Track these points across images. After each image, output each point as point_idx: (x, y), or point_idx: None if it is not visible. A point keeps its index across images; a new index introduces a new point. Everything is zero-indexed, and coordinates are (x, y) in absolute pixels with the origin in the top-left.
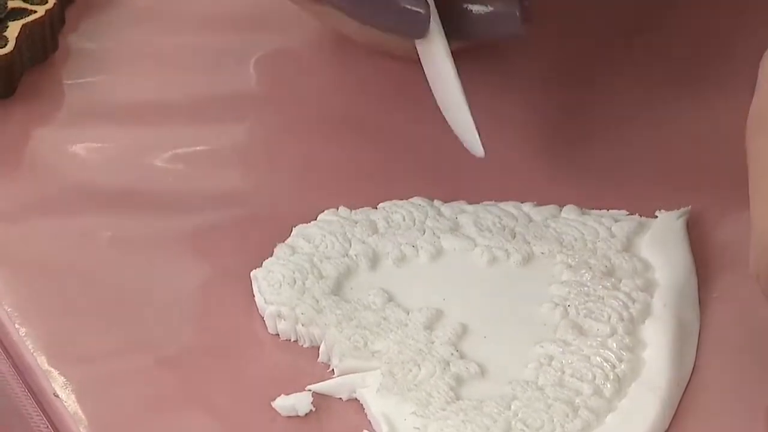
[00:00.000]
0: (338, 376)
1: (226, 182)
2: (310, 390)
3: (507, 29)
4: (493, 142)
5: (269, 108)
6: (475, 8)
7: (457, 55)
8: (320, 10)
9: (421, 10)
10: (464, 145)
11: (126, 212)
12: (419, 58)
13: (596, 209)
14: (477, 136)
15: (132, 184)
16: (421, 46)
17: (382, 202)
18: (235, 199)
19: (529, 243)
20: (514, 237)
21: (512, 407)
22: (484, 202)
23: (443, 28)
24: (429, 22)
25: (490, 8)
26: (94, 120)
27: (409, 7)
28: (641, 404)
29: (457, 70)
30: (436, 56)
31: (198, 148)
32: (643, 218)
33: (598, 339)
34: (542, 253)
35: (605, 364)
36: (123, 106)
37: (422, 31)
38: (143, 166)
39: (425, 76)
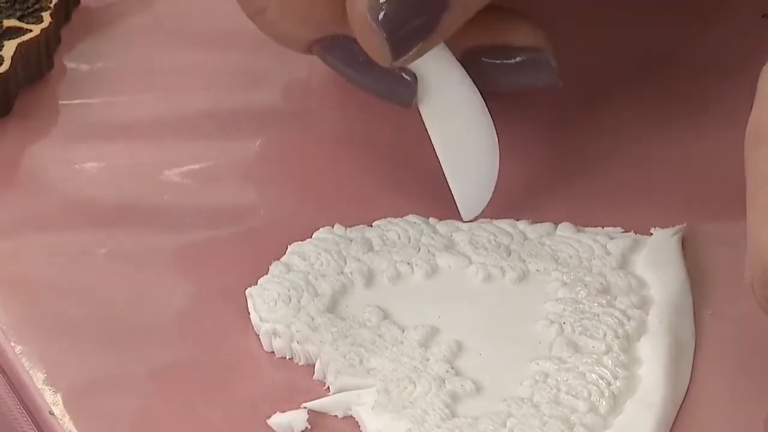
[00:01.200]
0: (334, 393)
1: (222, 200)
2: (305, 407)
3: (543, 80)
4: None
5: (267, 126)
6: (511, 61)
7: None
8: None
9: (407, 78)
10: (460, 197)
11: (121, 229)
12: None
13: (591, 227)
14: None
15: (128, 200)
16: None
17: (377, 219)
18: (231, 216)
19: (525, 260)
20: (510, 254)
21: (508, 424)
22: (480, 220)
23: (477, 81)
24: (415, 92)
25: (528, 60)
26: (91, 137)
27: (394, 73)
28: (637, 421)
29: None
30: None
31: (194, 165)
32: (638, 235)
33: (594, 356)
34: (537, 270)
35: (601, 381)
36: (119, 124)
37: (408, 100)
38: (139, 183)
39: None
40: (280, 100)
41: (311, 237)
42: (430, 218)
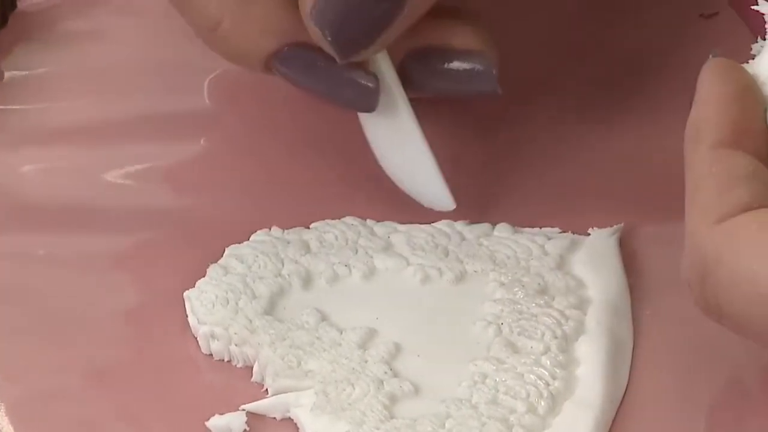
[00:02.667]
0: (272, 395)
1: (159, 202)
2: (244, 410)
3: (484, 87)
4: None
5: (204, 129)
6: (452, 65)
7: None
8: None
9: (370, 84)
10: (425, 201)
11: (59, 231)
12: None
13: (529, 227)
14: (447, 190)
15: (66, 204)
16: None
17: (314, 221)
18: (168, 219)
19: (462, 261)
20: (447, 255)
21: (446, 425)
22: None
23: (418, 84)
24: (378, 96)
25: (468, 66)
26: (30, 141)
27: (357, 80)
28: (575, 421)
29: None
30: (399, 119)
31: (131, 168)
32: (576, 236)
33: (532, 357)
34: (475, 271)
35: (539, 381)
36: (57, 128)
37: (371, 106)
38: (78, 187)
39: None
40: (216, 103)
41: (248, 239)
42: (368, 220)
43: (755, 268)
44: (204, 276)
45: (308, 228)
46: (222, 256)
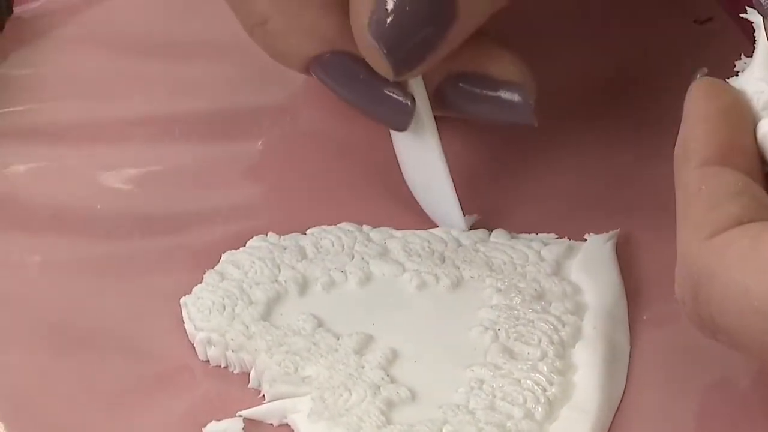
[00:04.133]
0: (269, 401)
1: (155, 207)
2: (241, 416)
3: (521, 118)
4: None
5: (199, 133)
6: (492, 94)
7: None
8: None
9: (407, 103)
10: (439, 221)
11: (55, 236)
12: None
13: (525, 233)
14: (461, 213)
15: (61, 208)
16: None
17: (310, 227)
18: (164, 225)
19: (459, 267)
20: (444, 261)
21: (443, 431)
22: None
23: (455, 106)
24: (412, 116)
25: (507, 96)
26: (24, 143)
27: (394, 97)
28: (572, 427)
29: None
30: (424, 141)
31: (129, 173)
32: (572, 242)
33: (529, 362)
34: (471, 277)
35: (536, 387)
36: (53, 130)
37: (404, 124)
38: (74, 191)
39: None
40: (210, 107)
41: (245, 245)
42: (364, 226)
43: (747, 281)
44: (200, 282)
45: (304, 234)
46: (218, 262)
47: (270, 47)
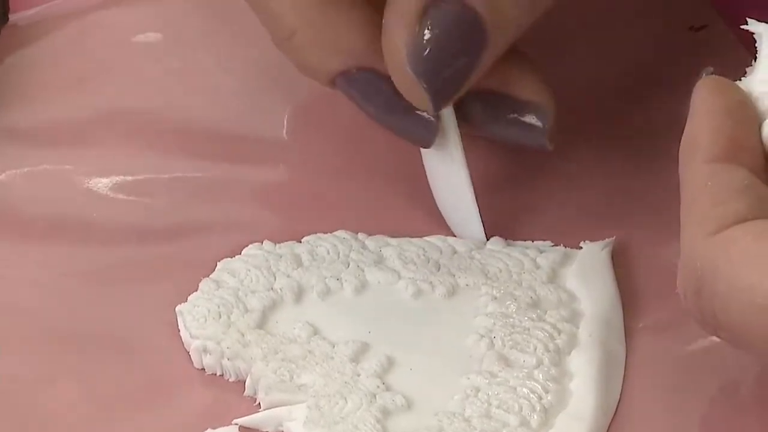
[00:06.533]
0: (265, 409)
1: (151, 216)
2: (236, 424)
3: (535, 142)
4: (421, 178)
5: (195, 140)
6: (510, 115)
7: None
8: None
9: (432, 120)
10: (459, 234)
11: (51, 244)
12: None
13: (521, 240)
14: (482, 229)
15: (57, 215)
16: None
17: (306, 235)
18: (160, 233)
19: (454, 275)
20: (439, 269)
21: None
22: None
23: (474, 122)
24: (437, 133)
25: (524, 119)
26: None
27: (420, 114)
28: None
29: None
30: (450, 156)
31: (126, 180)
32: (568, 249)
33: (525, 370)
34: (467, 285)
35: (532, 395)
36: (47, 137)
37: (429, 141)
38: (70, 199)
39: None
40: (210, 114)
41: (241, 253)
42: (359, 233)
43: (752, 278)
44: (196, 290)
45: (300, 242)
46: (214, 270)
47: (297, 61)
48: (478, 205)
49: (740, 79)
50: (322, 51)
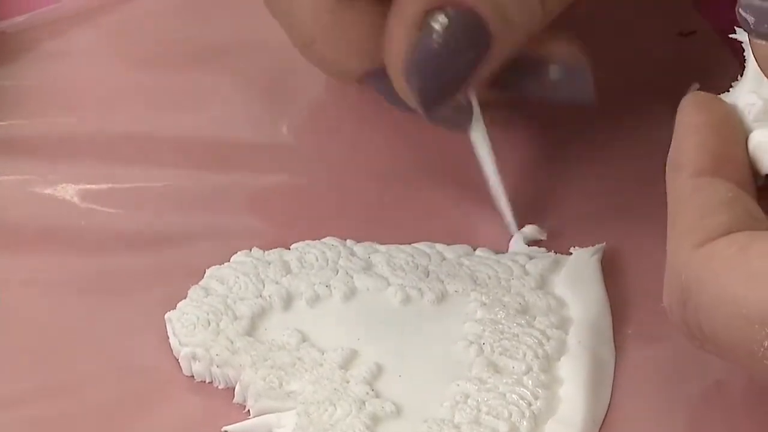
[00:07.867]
0: (254, 416)
1: (140, 224)
2: (226, 431)
3: (583, 97)
4: (419, 182)
5: (185, 150)
6: (552, 76)
7: None
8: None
9: (463, 103)
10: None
11: (38, 252)
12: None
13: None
14: (512, 217)
15: (46, 224)
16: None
17: (294, 242)
18: (148, 240)
19: (443, 281)
20: (428, 275)
21: None
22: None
23: (515, 89)
24: (470, 118)
25: (567, 77)
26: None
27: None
28: None
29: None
30: (474, 144)
31: (114, 188)
32: (558, 255)
33: (514, 376)
34: (456, 291)
35: (521, 401)
36: (37, 145)
37: (465, 126)
38: (58, 207)
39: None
40: (199, 124)
41: (229, 260)
42: (348, 240)
43: (736, 289)
44: (185, 298)
45: (288, 249)
46: (203, 277)
47: (321, 66)
48: (506, 195)
49: (728, 90)
50: (342, 56)
